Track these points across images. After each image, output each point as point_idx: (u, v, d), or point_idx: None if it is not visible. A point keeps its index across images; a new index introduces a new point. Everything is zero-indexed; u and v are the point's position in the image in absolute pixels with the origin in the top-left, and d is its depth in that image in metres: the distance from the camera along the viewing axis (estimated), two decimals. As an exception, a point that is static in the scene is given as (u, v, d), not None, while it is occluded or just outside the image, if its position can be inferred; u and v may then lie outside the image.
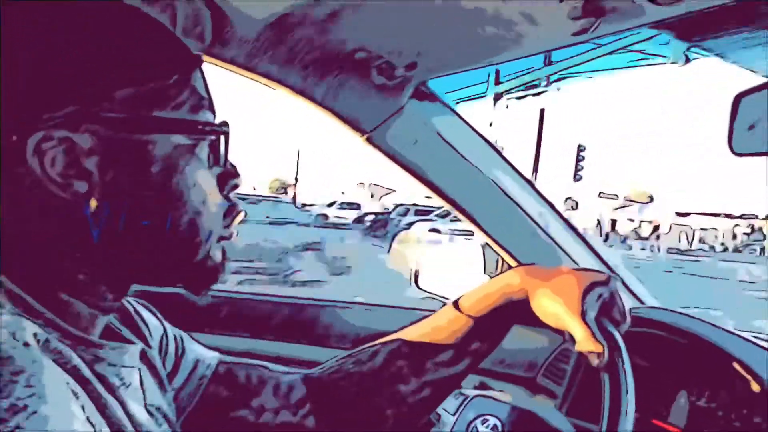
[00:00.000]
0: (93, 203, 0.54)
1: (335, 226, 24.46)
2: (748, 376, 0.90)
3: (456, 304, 0.84)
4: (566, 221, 1.19)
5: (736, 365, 0.92)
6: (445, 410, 1.02)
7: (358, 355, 0.86)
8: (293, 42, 1.00)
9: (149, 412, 0.67)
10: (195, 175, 0.59)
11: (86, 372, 0.54)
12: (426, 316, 0.86)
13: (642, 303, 1.17)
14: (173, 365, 0.78)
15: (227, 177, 0.63)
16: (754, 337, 0.99)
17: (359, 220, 25.22)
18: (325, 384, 0.86)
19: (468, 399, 1.00)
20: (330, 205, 29.50)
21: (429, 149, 1.15)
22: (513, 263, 1.19)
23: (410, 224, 18.95)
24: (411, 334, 0.85)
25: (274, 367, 0.86)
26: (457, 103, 1.26)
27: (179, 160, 0.58)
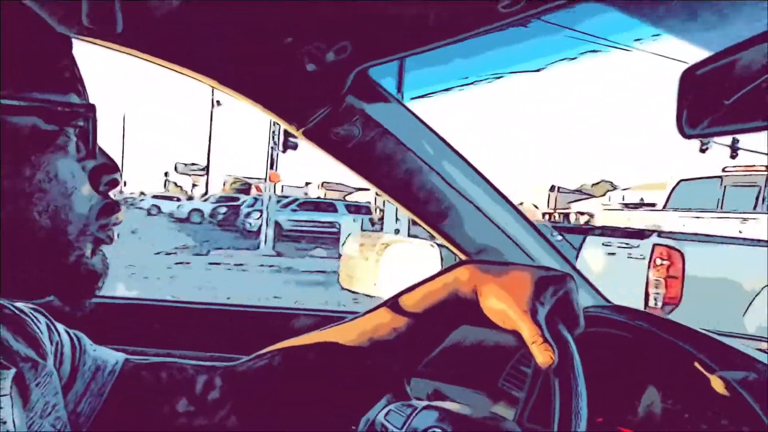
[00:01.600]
0: None
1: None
2: (709, 374, 0.85)
3: (395, 301, 0.77)
4: (522, 215, 1.12)
5: (697, 364, 0.86)
6: (391, 423, 0.94)
7: (287, 349, 0.78)
8: (215, 26, 0.92)
9: (55, 428, 0.61)
10: (56, 166, 0.52)
11: None
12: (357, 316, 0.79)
13: (607, 301, 1.11)
14: (70, 373, 0.70)
15: (101, 171, 0.57)
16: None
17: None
18: (248, 378, 0.78)
19: (415, 411, 0.93)
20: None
21: (371, 142, 1.08)
22: (462, 256, 1.12)
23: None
24: (346, 333, 0.78)
25: (189, 365, 0.78)
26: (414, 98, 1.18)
27: (36, 148, 0.51)
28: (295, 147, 13.29)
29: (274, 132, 14.42)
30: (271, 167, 14.44)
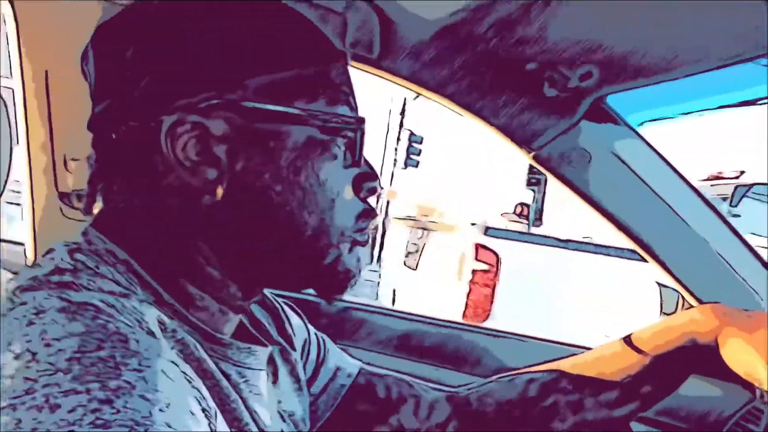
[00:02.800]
0: (219, 191, 0.54)
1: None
2: None
3: (628, 339, 0.75)
4: (760, 259, 1.03)
5: None
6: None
7: (511, 380, 0.80)
8: (463, 53, 0.98)
9: (281, 416, 0.67)
10: (327, 172, 0.56)
11: (210, 365, 0.54)
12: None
13: None
14: (314, 370, 0.78)
15: (364, 178, 0.60)
16: None
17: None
18: (472, 407, 0.80)
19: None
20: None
21: (603, 171, 1.06)
22: (695, 303, 1.06)
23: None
24: (571, 366, 0.78)
25: (416, 383, 0.83)
26: (642, 124, 1.15)
27: (311, 155, 0.56)
28: (416, 165, 13.13)
29: (396, 149, 14.35)
30: (389, 184, 14.33)
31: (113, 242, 0.55)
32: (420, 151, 14.59)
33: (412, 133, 14.60)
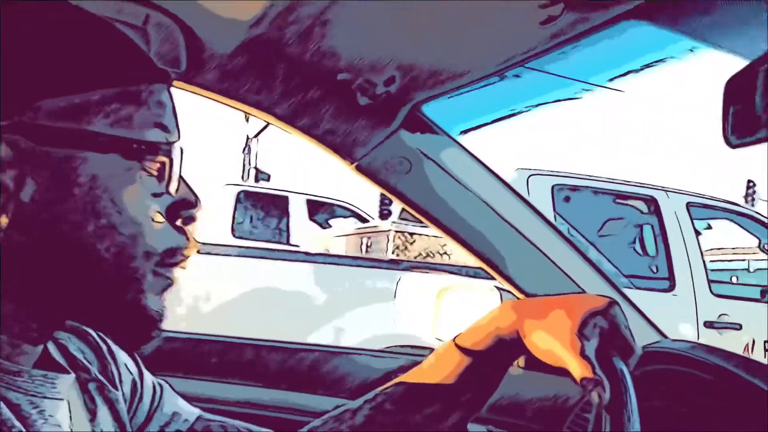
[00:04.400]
0: (3, 220, 0.49)
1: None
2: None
3: (455, 343, 0.75)
4: (576, 249, 1.10)
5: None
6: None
7: (340, 414, 0.78)
8: (272, 64, 0.96)
9: None
10: (131, 201, 0.52)
11: None
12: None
13: (663, 335, 1.06)
14: (146, 416, 0.72)
15: (179, 207, 0.56)
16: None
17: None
18: None
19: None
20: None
21: (423, 177, 1.09)
22: (520, 296, 1.10)
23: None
24: (406, 377, 0.78)
25: (255, 430, 0.79)
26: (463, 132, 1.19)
27: (111, 183, 0.51)
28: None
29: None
30: None
31: None
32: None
33: (258, 171, 14.46)
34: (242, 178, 14.14)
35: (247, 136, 13.69)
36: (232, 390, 1.26)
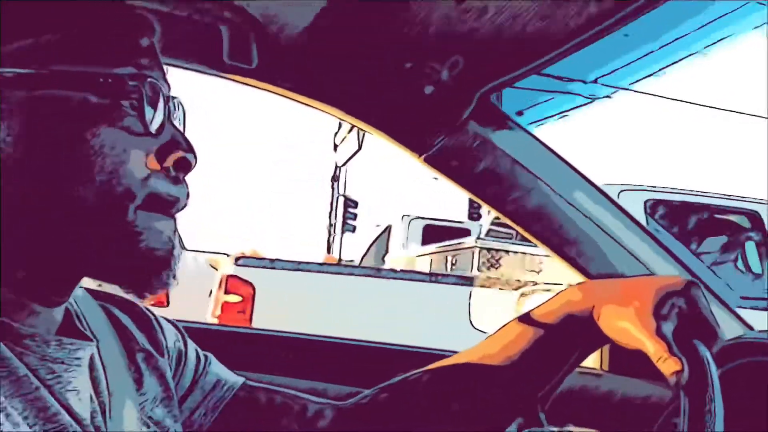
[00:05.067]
0: None
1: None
2: None
3: (523, 317, 0.75)
4: (648, 233, 1.05)
5: None
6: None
7: (397, 383, 0.78)
8: (339, 57, 0.98)
9: (145, 423, 0.62)
10: (110, 142, 0.52)
11: (4, 352, 0.49)
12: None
13: (749, 327, 0.99)
14: (191, 383, 0.74)
15: (166, 150, 0.55)
16: None
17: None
18: (357, 414, 0.77)
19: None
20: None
21: (494, 169, 1.07)
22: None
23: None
24: (469, 355, 0.76)
25: (302, 395, 0.79)
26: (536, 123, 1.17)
27: (85, 122, 0.51)
28: (353, 230, 13.21)
29: (330, 215, 14.51)
30: (328, 251, 14.38)
31: None
32: (356, 215, 14.66)
33: (347, 199, 14.68)
34: (331, 206, 14.40)
35: (336, 164, 13.98)
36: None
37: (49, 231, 0.52)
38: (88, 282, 0.61)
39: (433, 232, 6.72)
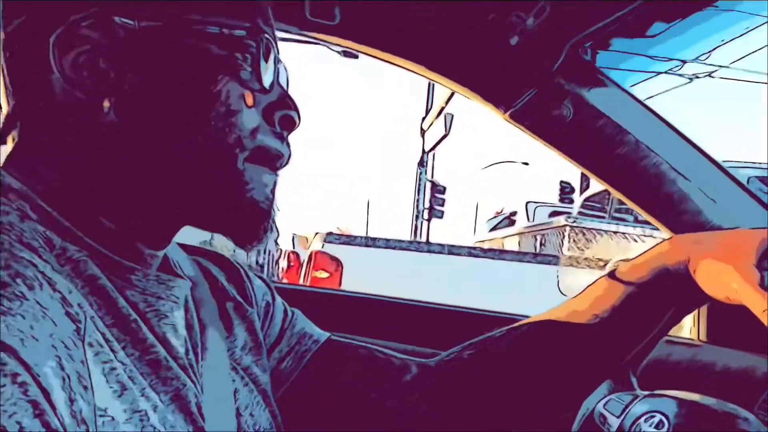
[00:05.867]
0: (105, 104, 0.51)
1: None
2: None
3: (612, 273, 0.71)
4: (742, 185, 0.98)
5: None
6: (610, 412, 0.85)
7: (482, 340, 0.76)
8: (420, 11, 0.96)
9: (234, 369, 0.64)
10: (226, 92, 0.53)
11: (104, 282, 0.50)
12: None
13: None
14: (278, 334, 0.75)
15: (275, 106, 0.56)
16: None
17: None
18: (443, 370, 0.76)
19: (637, 398, 0.82)
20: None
21: (583, 124, 1.02)
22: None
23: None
24: (558, 312, 0.74)
25: (387, 350, 0.79)
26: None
27: (205, 70, 0.53)
28: (441, 216, 12.89)
29: (417, 200, 14.28)
30: (415, 236, 14.17)
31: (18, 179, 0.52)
32: (444, 201, 14.61)
33: (434, 184, 14.65)
34: (416, 191, 14.40)
35: (423, 150, 13.97)
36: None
37: (163, 174, 0.54)
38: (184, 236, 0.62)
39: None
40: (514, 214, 7.26)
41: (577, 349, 0.71)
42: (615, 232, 3.98)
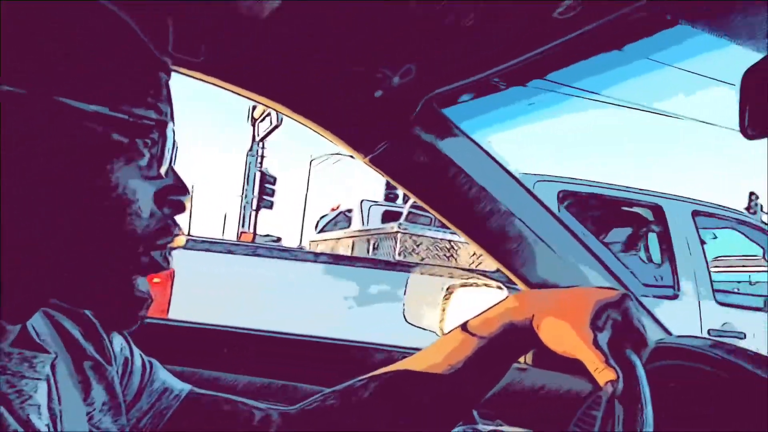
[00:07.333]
0: None
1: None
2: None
3: (464, 326, 0.77)
4: (585, 245, 1.11)
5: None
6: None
7: (344, 389, 0.79)
8: (287, 55, 0.97)
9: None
10: (124, 179, 0.51)
11: None
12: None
13: (669, 333, 1.06)
14: (137, 391, 0.73)
15: (168, 191, 0.55)
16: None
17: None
18: (304, 420, 0.78)
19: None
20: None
21: (437, 173, 1.09)
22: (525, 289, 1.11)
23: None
24: (414, 361, 0.78)
25: (248, 402, 0.80)
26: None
27: (104, 157, 0.50)
28: (270, 206, 13.16)
29: (246, 190, 14.51)
30: (242, 226, 14.37)
31: None
32: (274, 191, 14.50)
33: (264, 174, 14.49)
34: (245, 180, 14.16)
35: (253, 138, 13.76)
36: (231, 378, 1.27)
37: (44, 255, 0.50)
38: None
39: (390, 218, 6.76)
40: (350, 211, 7.35)
41: (434, 399, 0.76)
42: (441, 239, 4.21)
